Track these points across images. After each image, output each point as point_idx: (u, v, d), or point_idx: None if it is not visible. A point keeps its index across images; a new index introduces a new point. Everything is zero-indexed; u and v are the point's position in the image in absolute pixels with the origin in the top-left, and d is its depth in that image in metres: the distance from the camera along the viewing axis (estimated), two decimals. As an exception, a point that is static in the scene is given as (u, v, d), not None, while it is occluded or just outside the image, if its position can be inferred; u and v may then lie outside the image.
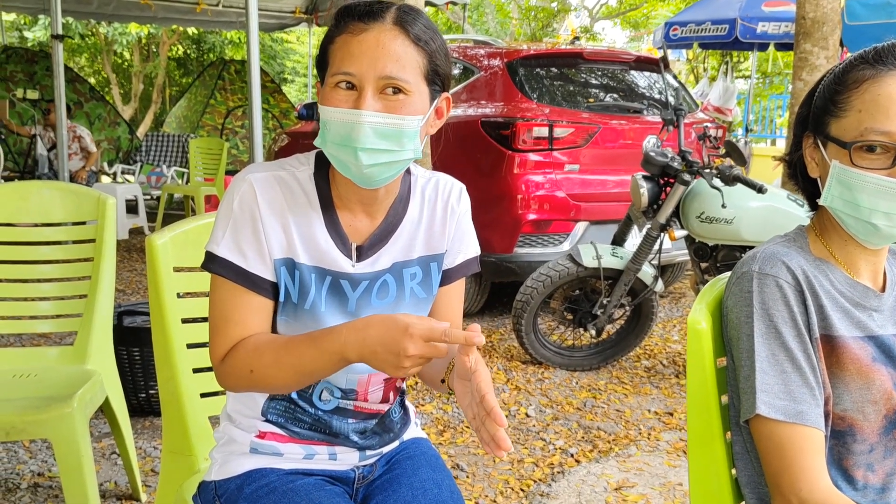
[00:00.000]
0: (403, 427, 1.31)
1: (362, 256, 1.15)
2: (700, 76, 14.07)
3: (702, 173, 3.27)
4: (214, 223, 1.12)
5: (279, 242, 1.11)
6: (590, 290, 3.62)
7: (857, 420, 1.05)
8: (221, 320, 1.11)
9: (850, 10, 6.38)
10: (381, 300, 1.17)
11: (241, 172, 1.13)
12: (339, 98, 1.04)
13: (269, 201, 1.10)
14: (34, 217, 2.23)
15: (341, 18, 1.07)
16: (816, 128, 1.07)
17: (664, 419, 3.09)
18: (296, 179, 1.13)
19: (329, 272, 1.13)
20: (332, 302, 1.14)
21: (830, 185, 1.04)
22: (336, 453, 1.22)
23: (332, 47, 1.07)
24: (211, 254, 1.11)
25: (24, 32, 15.24)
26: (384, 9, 1.07)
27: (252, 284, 1.10)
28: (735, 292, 1.08)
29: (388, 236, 1.17)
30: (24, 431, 1.81)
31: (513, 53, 4.54)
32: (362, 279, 1.15)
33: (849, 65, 1.05)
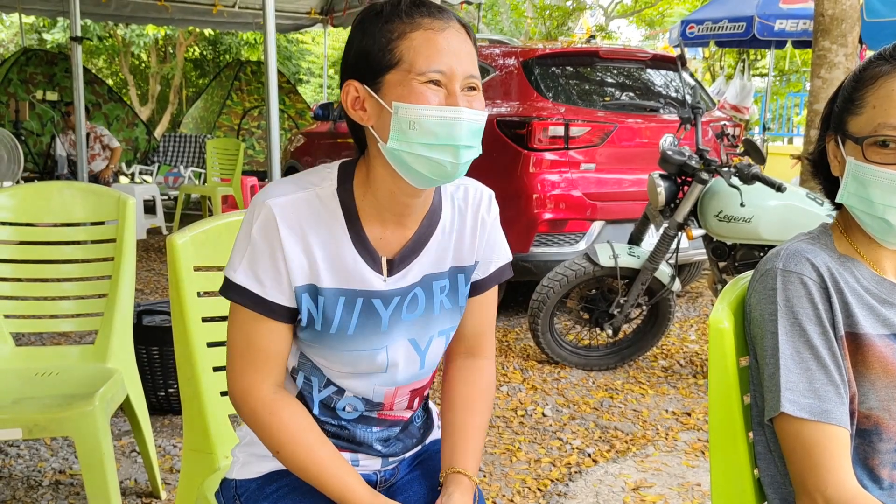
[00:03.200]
0: (427, 431, 1.30)
1: (393, 270, 1.12)
2: (717, 74, 13.99)
3: (720, 172, 3.24)
4: (234, 246, 1.10)
5: (301, 269, 1.07)
6: (606, 290, 3.61)
7: (882, 419, 1.04)
8: (242, 347, 1.10)
9: (870, 6, 6.31)
10: (410, 314, 1.15)
11: (261, 194, 1.09)
12: (432, 96, 1.01)
13: (290, 227, 1.06)
14: (55, 217, 2.26)
15: (408, 14, 1.03)
16: (837, 126, 1.07)
17: (682, 419, 3.08)
18: (318, 198, 1.09)
19: (359, 293, 1.10)
20: (364, 324, 1.12)
21: (847, 182, 1.04)
22: (359, 460, 1.21)
23: (403, 43, 1.02)
24: (229, 280, 1.09)
25: (44, 34, 15.39)
26: (442, 9, 1.06)
27: (270, 312, 1.08)
28: (759, 290, 1.07)
29: (420, 248, 1.14)
30: (46, 429, 1.83)
31: (528, 52, 4.54)
32: (394, 295, 1.12)
33: (868, 62, 1.05)
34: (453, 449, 1.18)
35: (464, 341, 1.27)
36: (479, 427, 1.21)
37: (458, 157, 1.03)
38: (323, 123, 6.28)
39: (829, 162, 1.11)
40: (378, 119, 1.04)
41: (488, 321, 1.27)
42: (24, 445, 2.65)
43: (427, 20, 1.03)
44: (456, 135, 1.02)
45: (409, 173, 1.04)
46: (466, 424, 1.20)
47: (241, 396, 1.11)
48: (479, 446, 1.20)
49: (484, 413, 1.23)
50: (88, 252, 2.27)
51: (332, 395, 1.17)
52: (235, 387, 1.12)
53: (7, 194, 2.22)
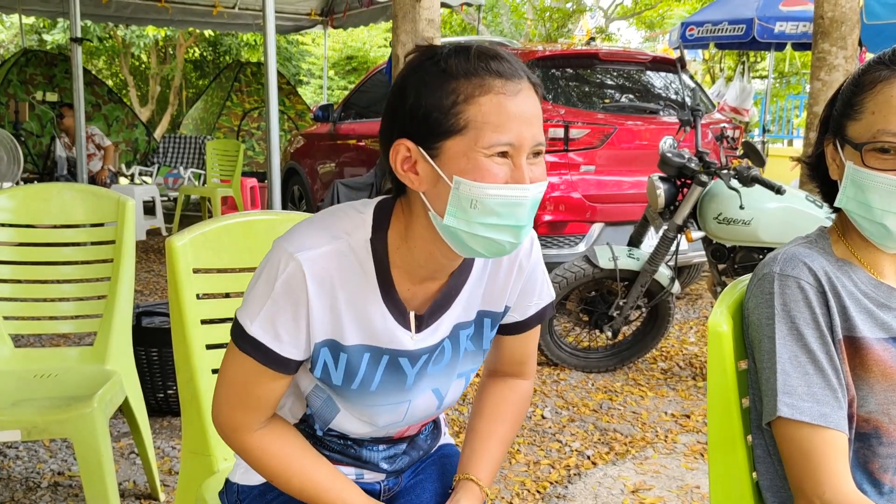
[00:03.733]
0: (434, 442, 1.29)
1: (422, 326, 1.05)
2: (716, 76, 14.00)
3: (719, 174, 3.25)
4: (251, 289, 1.01)
5: (324, 325, 1.01)
6: (606, 292, 3.61)
7: (882, 422, 1.04)
8: (239, 390, 1.04)
9: (869, 9, 6.31)
10: (436, 366, 1.10)
11: (290, 242, 0.99)
12: (498, 171, 0.91)
13: (319, 283, 0.98)
14: (55, 219, 2.26)
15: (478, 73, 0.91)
16: (836, 130, 1.07)
17: (681, 421, 3.08)
18: (350, 250, 1.00)
19: (386, 351, 1.04)
20: (388, 381, 1.07)
21: (845, 186, 1.05)
22: (363, 474, 1.19)
23: (471, 108, 0.90)
24: (243, 330, 1.00)
25: (44, 35, 15.40)
26: (513, 63, 0.94)
27: (280, 367, 1.02)
28: (756, 294, 1.08)
29: (450, 301, 1.07)
30: (45, 431, 1.82)
31: (528, 54, 4.54)
32: (422, 353, 1.06)
33: (867, 67, 1.04)
34: (471, 455, 1.16)
35: (505, 367, 1.23)
36: (502, 437, 1.18)
37: (518, 236, 0.95)
38: (323, 125, 6.28)
39: (827, 165, 1.11)
40: (432, 187, 0.94)
41: (531, 351, 1.22)
42: (22, 447, 2.65)
43: (499, 82, 0.91)
44: (519, 215, 0.93)
45: (461, 248, 0.97)
46: (490, 432, 1.18)
47: (230, 432, 1.08)
48: (498, 457, 1.17)
49: (510, 424, 1.20)
50: (88, 253, 2.27)
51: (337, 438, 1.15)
52: (225, 422, 1.07)
53: (6, 195, 2.22)
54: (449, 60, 0.92)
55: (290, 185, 6.71)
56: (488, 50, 0.94)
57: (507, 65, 0.92)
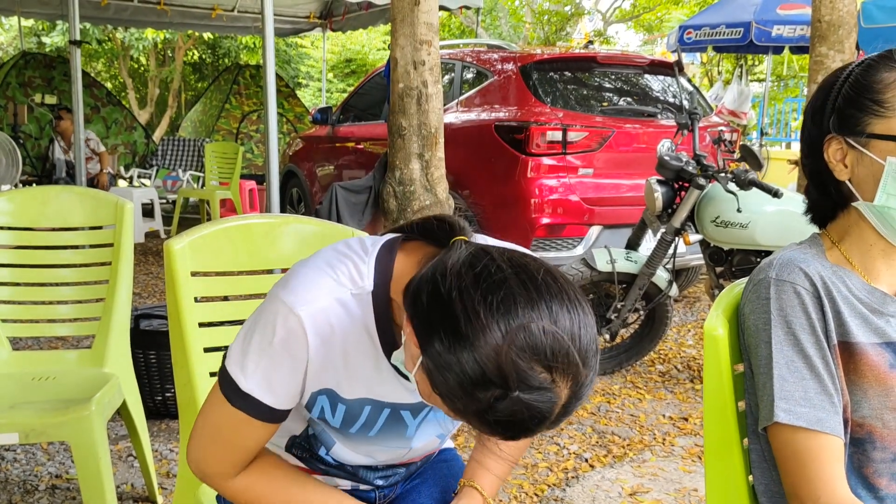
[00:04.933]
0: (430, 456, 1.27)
1: None
2: (714, 79, 14.01)
3: (717, 177, 3.25)
4: (245, 339, 0.96)
5: (323, 378, 0.98)
6: (604, 295, 3.61)
7: (876, 427, 1.05)
8: (223, 439, 0.99)
9: (867, 12, 6.34)
10: (437, 413, 1.06)
11: (289, 293, 0.93)
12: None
13: (320, 338, 0.94)
14: (53, 221, 2.26)
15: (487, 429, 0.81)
16: (848, 129, 1.05)
17: (679, 424, 3.08)
18: (353, 300, 0.95)
19: (388, 405, 1.02)
20: (389, 430, 1.05)
21: (886, 183, 1.02)
22: (359, 486, 1.18)
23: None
24: (236, 385, 0.95)
25: (43, 38, 15.40)
26: (541, 429, 0.82)
27: (272, 418, 0.98)
28: (752, 299, 1.08)
29: None
30: (43, 434, 1.82)
31: (526, 58, 4.55)
32: (425, 406, 1.04)
33: (875, 65, 1.04)
34: (478, 465, 1.14)
35: None
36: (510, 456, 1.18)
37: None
38: (321, 127, 6.29)
39: (830, 167, 1.08)
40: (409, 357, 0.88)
41: None
42: (20, 450, 2.65)
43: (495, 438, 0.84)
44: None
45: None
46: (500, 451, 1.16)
47: (208, 476, 1.03)
48: (506, 469, 1.16)
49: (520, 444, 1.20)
50: (86, 256, 2.28)
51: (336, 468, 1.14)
52: (204, 468, 1.02)
53: (5, 198, 2.22)
54: (488, 404, 0.79)
55: (288, 187, 6.71)
56: (533, 417, 0.79)
57: (527, 433, 0.81)
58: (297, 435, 1.14)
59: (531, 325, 0.76)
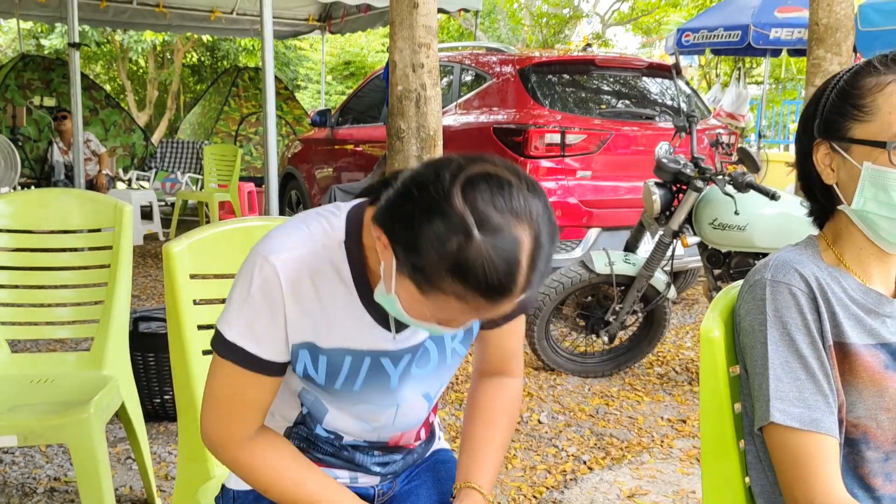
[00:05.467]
0: (428, 445, 1.29)
1: (402, 326, 1.06)
2: (712, 82, 14.02)
3: (714, 180, 3.26)
4: (229, 296, 1.03)
5: (302, 329, 1.02)
6: (602, 297, 3.62)
7: (870, 428, 1.05)
8: (225, 400, 1.04)
9: (864, 15, 6.36)
10: (421, 368, 1.11)
11: (263, 246, 1.00)
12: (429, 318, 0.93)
13: (294, 287, 0.99)
14: (52, 224, 2.26)
15: (467, 289, 0.85)
16: (832, 134, 1.07)
17: (677, 426, 3.09)
18: (326, 253, 1.01)
19: (367, 353, 1.06)
20: (372, 382, 1.08)
21: (863, 187, 1.04)
22: (357, 478, 1.20)
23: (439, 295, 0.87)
24: (222, 336, 1.02)
25: (41, 40, 15.40)
26: (517, 279, 0.86)
27: (262, 369, 1.03)
28: (748, 300, 1.08)
29: None
30: (41, 436, 1.83)
31: (525, 60, 4.56)
32: (404, 353, 1.08)
33: (861, 71, 1.06)
34: (470, 463, 1.16)
35: (493, 365, 1.23)
36: (500, 442, 1.19)
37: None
38: (320, 129, 6.29)
39: (818, 171, 1.10)
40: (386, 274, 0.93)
41: (517, 346, 1.23)
42: (18, 452, 2.65)
43: (479, 300, 0.87)
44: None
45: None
46: (486, 438, 1.18)
47: (221, 445, 1.07)
48: (497, 462, 1.18)
49: (506, 428, 1.21)
50: (85, 259, 2.28)
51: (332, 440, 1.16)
52: (214, 436, 1.07)
53: (4, 201, 2.22)
54: (460, 251, 0.83)
55: (287, 189, 6.72)
56: (504, 257, 0.84)
57: (506, 283, 0.85)
58: (293, 425, 1.16)
59: (483, 182, 0.85)
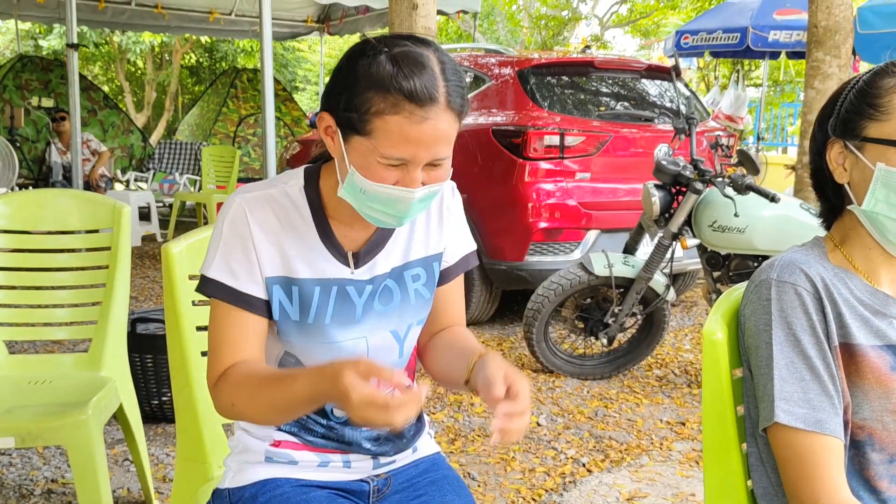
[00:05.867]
0: (417, 434, 1.30)
1: (359, 263, 1.16)
2: (711, 84, 14.04)
3: (714, 182, 3.26)
4: (209, 246, 1.13)
5: (272, 261, 1.11)
6: (601, 299, 3.61)
7: (876, 430, 1.05)
8: (215, 342, 1.12)
9: (863, 18, 6.37)
10: (384, 305, 1.18)
11: (232, 194, 1.14)
12: (388, 176, 1.03)
13: (260, 221, 1.10)
14: (50, 225, 2.26)
15: (397, 89, 0.98)
16: (847, 133, 1.07)
17: (676, 429, 3.08)
18: (286, 195, 1.14)
19: (334, 282, 1.14)
20: (340, 313, 1.15)
21: (874, 188, 1.03)
22: (350, 461, 1.22)
23: (379, 121, 1.00)
24: (204, 277, 1.12)
25: (40, 41, 15.39)
26: (436, 84, 1.00)
27: (245, 304, 1.11)
28: (753, 300, 1.08)
29: (385, 241, 1.18)
30: (38, 438, 1.82)
31: (524, 62, 4.55)
32: (365, 284, 1.16)
33: (881, 71, 1.06)
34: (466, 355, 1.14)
35: (441, 323, 1.29)
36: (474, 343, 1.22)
37: (401, 221, 1.09)
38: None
39: (830, 169, 1.09)
40: (340, 158, 1.08)
41: (460, 302, 1.31)
42: (16, 454, 2.63)
43: (410, 106, 0.99)
44: (402, 209, 1.06)
45: (360, 211, 1.10)
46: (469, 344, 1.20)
47: (211, 386, 1.13)
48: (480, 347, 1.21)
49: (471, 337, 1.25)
50: (83, 260, 2.27)
51: None
52: (209, 379, 1.13)
53: (2, 202, 2.22)
54: (377, 66, 1.01)
55: (285, 191, 6.70)
56: (416, 64, 1.00)
57: (427, 86, 0.99)
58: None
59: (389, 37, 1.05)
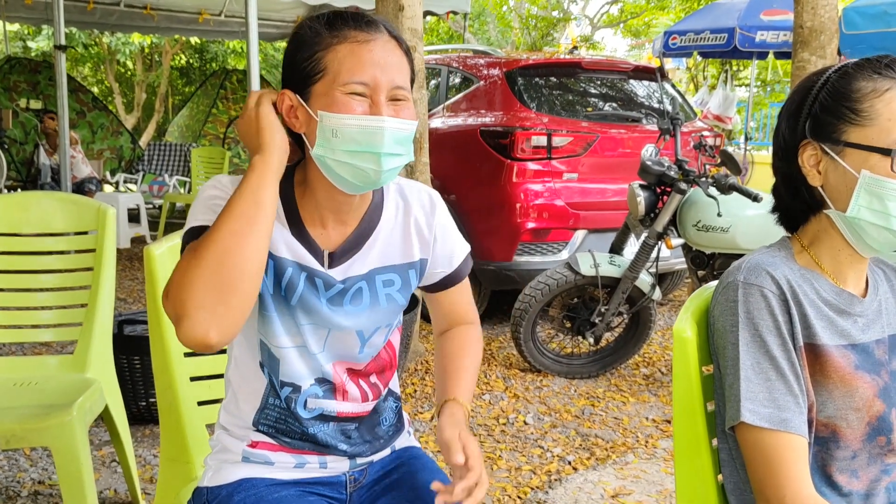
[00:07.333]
0: (395, 434, 1.32)
1: (334, 263, 1.16)
2: (700, 85, 14.11)
3: (698, 182, 3.29)
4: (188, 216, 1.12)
5: None
6: (588, 298, 3.64)
7: (840, 427, 1.07)
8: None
9: (848, 19, 6.41)
10: (354, 306, 1.18)
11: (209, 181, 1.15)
12: (356, 106, 1.05)
13: None
14: (36, 227, 2.26)
15: (335, 26, 1.07)
16: (824, 136, 1.06)
17: (662, 427, 3.11)
18: None
19: (304, 268, 1.15)
20: (307, 297, 1.15)
21: (858, 195, 1.03)
22: (326, 462, 1.23)
23: (329, 54, 1.06)
24: (189, 228, 1.08)
25: (28, 42, 15.32)
26: (376, 20, 1.09)
27: None
28: (721, 302, 1.10)
29: (362, 243, 1.18)
30: (24, 439, 1.83)
31: (511, 63, 4.58)
32: (335, 282, 1.16)
33: (853, 73, 1.05)
34: (446, 383, 1.26)
35: (450, 321, 1.35)
36: (472, 369, 1.29)
37: (380, 164, 1.06)
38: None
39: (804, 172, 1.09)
40: (308, 127, 1.09)
41: (469, 301, 1.35)
42: (2, 456, 2.64)
43: (353, 32, 1.07)
44: (377, 143, 1.05)
45: (335, 178, 1.09)
46: (459, 367, 1.28)
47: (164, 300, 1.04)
48: (472, 382, 1.28)
49: (474, 357, 1.31)
50: (69, 262, 2.28)
51: (291, 395, 1.19)
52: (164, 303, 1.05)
53: (-13, 204, 2.22)
54: (318, 21, 1.09)
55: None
56: (356, 13, 1.10)
57: (363, 20, 1.08)
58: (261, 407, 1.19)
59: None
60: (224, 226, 1.01)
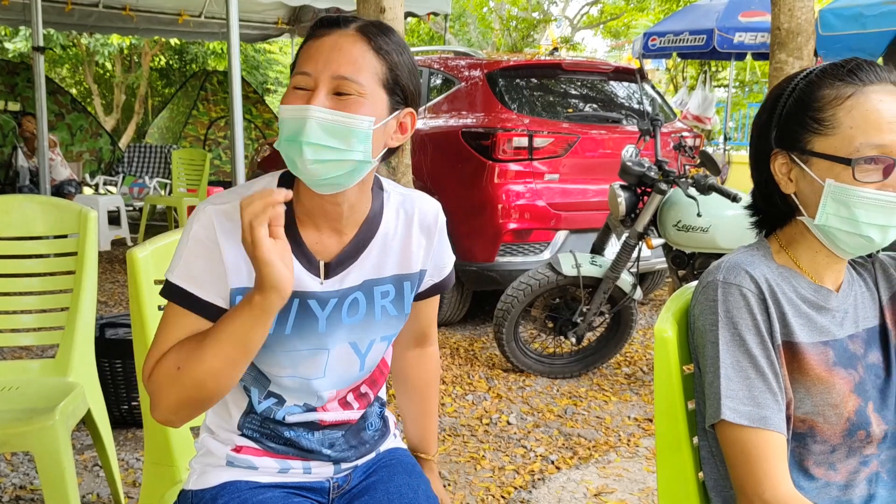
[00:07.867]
0: (381, 439, 1.32)
1: (330, 273, 1.15)
2: (679, 85, 14.22)
3: (678, 182, 3.32)
4: (175, 251, 1.12)
5: (238, 272, 1.09)
6: (570, 299, 3.66)
7: (817, 423, 1.09)
8: (161, 339, 1.09)
9: (824, 20, 6.49)
10: (350, 317, 1.17)
11: (204, 202, 1.13)
12: (294, 97, 1.06)
13: (228, 232, 1.08)
14: (16, 230, 2.24)
15: (315, 28, 1.10)
16: (791, 145, 1.08)
17: (644, 425, 3.13)
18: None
19: (296, 294, 1.12)
20: (301, 325, 1.14)
21: (825, 203, 1.04)
22: (311, 467, 1.23)
23: (300, 53, 1.10)
24: (168, 282, 1.10)
25: (5, 44, 15.13)
26: (350, 20, 1.10)
27: (202, 310, 1.09)
28: (701, 301, 1.12)
29: (358, 253, 1.16)
30: (5, 444, 1.81)
31: (493, 64, 4.60)
32: (331, 297, 1.15)
33: (817, 82, 1.06)
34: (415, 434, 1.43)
35: (414, 336, 1.39)
36: (434, 411, 1.45)
37: (302, 153, 1.03)
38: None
39: (776, 179, 1.10)
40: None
41: (434, 316, 1.40)
42: (-17, 461, 2.61)
43: (319, 30, 1.09)
44: (299, 130, 1.03)
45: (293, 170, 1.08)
46: (424, 412, 1.44)
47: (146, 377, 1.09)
48: (435, 426, 1.45)
49: (435, 396, 1.45)
50: (50, 265, 2.26)
51: (273, 406, 1.19)
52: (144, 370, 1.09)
53: (-34, 208, 2.20)
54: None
55: (257, 194, 6.66)
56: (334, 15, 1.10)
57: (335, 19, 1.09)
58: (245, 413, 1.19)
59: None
60: (209, 361, 1.03)
